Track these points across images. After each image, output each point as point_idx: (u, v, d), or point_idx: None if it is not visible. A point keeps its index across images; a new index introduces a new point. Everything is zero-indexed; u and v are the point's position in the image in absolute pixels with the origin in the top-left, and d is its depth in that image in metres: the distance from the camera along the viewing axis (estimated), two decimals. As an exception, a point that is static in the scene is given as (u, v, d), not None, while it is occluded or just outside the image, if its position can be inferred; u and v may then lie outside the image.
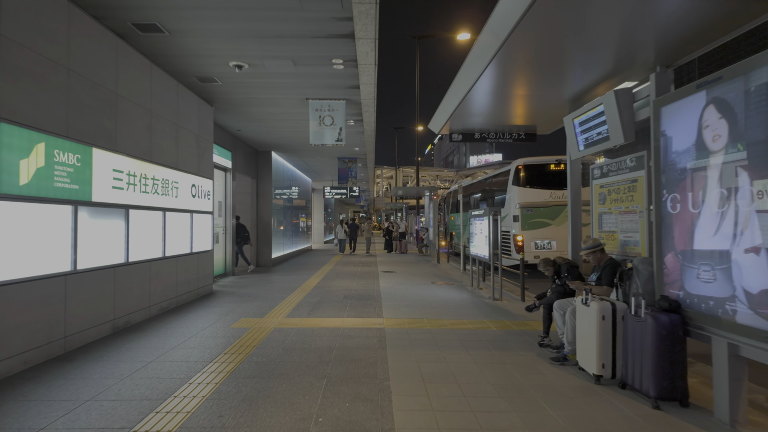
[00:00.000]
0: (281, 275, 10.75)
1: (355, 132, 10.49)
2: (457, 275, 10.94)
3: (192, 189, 7.34)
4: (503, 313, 6.41)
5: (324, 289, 8.49)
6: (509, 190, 10.93)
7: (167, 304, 6.41)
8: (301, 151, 13.06)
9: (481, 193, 13.90)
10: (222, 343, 4.66)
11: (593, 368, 3.61)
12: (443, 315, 6.17)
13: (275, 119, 9.21)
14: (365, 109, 8.18)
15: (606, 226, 4.60)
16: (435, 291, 8.35)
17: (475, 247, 8.58)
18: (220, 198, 10.31)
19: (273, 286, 8.82)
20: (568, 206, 5.65)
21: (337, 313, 6.23)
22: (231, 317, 5.96)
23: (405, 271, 11.60)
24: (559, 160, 10.70)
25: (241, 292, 8.08)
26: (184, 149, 7.01)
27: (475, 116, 5.95)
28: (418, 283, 9.38)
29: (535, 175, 10.67)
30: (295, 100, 7.84)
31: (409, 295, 7.77)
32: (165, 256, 6.34)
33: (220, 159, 9.91)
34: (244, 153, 11.92)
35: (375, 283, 9.38)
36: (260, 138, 11.22)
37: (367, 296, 7.64)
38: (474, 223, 8.61)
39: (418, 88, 20.67)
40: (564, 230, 10.46)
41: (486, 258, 7.75)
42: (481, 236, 8.16)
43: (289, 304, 6.87)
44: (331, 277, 10.37)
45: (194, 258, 7.38)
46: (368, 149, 12.60)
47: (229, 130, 10.26)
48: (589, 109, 4.38)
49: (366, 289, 8.52)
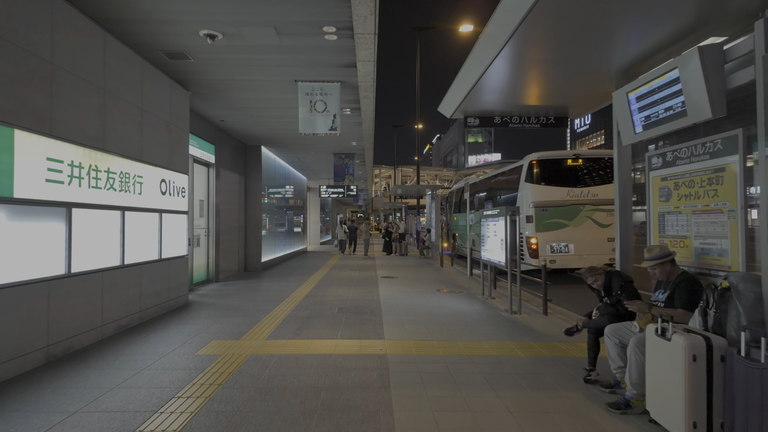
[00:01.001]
0: (270, 281, 9.72)
1: (351, 123, 9.48)
2: (464, 281, 9.94)
3: (161, 185, 6.31)
4: (526, 331, 5.40)
5: (316, 299, 7.46)
6: (521, 188, 9.94)
7: (127, 321, 5.38)
8: (293, 146, 12.03)
9: (489, 192, 12.90)
10: (179, 380, 3.63)
11: (679, 427, 2.60)
12: (456, 334, 5.16)
13: (262, 107, 8.19)
14: (363, 94, 7.17)
15: (671, 229, 3.60)
16: (442, 301, 7.34)
17: (487, 251, 7.57)
18: (201, 196, 9.28)
19: (258, 296, 7.79)
20: (615, 203, 4.66)
21: (329, 332, 5.21)
22: (201, 339, 4.93)
23: (406, 277, 10.59)
24: (576, 155, 9.71)
25: (220, 304, 7.05)
26: (150, 138, 5.99)
27: (495, 96, 4.94)
28: (421, 291, 8.37)
29: (551, 171, 9.68)
30: (282, 83, 6.82)
31: (413, 307, 6.76)
32: (124, 264, 5.31)
33: (201, 153, 8.88)
34: (231, 148, 10.89)
35: (374, 291, 8.36)
36: (247, 130, 10.20)
37: (365, 309, 6.63)
38: (486, 224, 7.61)
39: (418, 83, 19.69)
40: (583, 232, 9.48)
41: (502, 264, 6.75)
42: (495, 239, 7.16)
43: (274, 320, 5.85)
44: (326, 283, 9.35)
45: (164, 265, 6.35)
46: (366, 143, 11.59)
47: (211, 121, 9.23)
48: (654, 77, 3.38)
49: (364, 299, 7.50)
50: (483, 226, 7.81)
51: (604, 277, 3.81)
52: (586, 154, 9.74)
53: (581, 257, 9.48)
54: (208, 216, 9.49)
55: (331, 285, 9.14)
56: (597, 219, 9.54)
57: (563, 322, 5.97)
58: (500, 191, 11.76)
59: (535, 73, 4.51)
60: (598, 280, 3.81)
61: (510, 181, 10.94)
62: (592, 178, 9.63)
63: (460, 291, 8.53)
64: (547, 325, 5.76)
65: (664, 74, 3.28)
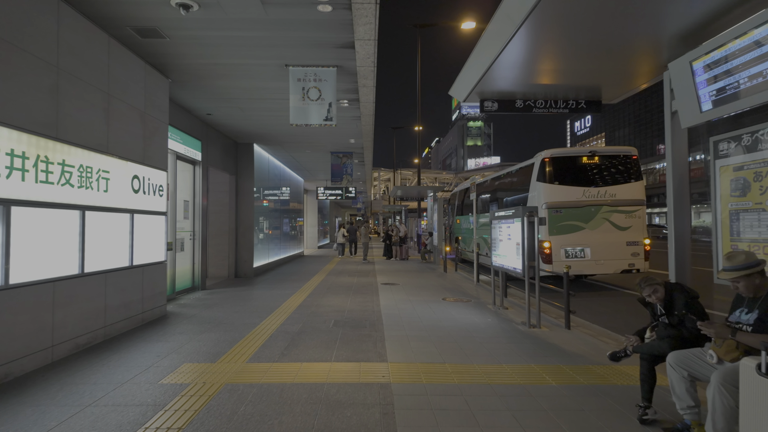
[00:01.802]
0: (261, 289, 8.96)
1: (349, 118, 8.76)
2: (470, 288, 9.20)
3: (134, 182, 5.56)
4: (551, 350, 4.65)
5: (310, 309, 6.71)
6: (533, 188, 9.21)
7: (88, 339, 4.62)
8: (287, 143, 11.30)
9: (497, 193, 12.17)
10: (129, 423, 2.87)
11: None
12: (471, 355, 4.41)
13: (251, 98, 7.46)
14: (362, 82, 6.45)
15: (750, 230, 2.86)
16: (450, 312, 6.60)
17: (499, 257, 6.84)
18: (186, 196, 8.53)
19: (246, 306, 7.03)
20: (669, 200, 3.90)
21: (322, 352, 4.46)
22: (171, 361, 4.17)
23: (409, 283, 9.84)
24: (593, 152, 9.00)
25: (203, 316, 6.29)
26: (119, 128, 5.25)
27: (517, 74, 4.22)
28: (426, 300, 7.62)
29: (566, 169, 8.96)
30: (271, 68, 6.09)
31: (417, 320, 6.01)
32: (83, 272, 4.55)
33: (186, 149, 8.14)
34: (221, 145, 10.16)
35: (374, 300, 7.61)
36: (237, 125, 9.46)
37: (364, 321, 5.88)
38: (498, 227, 6.88)
39: (419, 82, 19.02)
40: (599, 235, 8.75)
41: (517, 271, 6.01)
42: (508, 243, 6.42)
43: (260, 336, 5.09)
44: (321, 291, 8.59)
45: (136, 273, 5.59)
46: (365, 141, 10.87)
47: (196, 114, 8.49)
48: (731, 38, 2.66)
49: (363, 309, 6.75)
50: (494, 229, 7.08)
51: (663, 291, 3.07)
52: (603, 150, 9.03)
53: (598, 263, 8.75)
54: (193, 218, 8.74)
55: (327, 293, 8.38)
56: (615, 221, 8.81)
57: (589, 337, 5.23)
58: (509, 192, 11.04)
59: (564, 46, 3.79)
60: (657, 291, 3.07)
61: (520, 180, 10.22)
62: (610, 177, 8.91)
63: (467, 300, 7.79)
64: (573, 342, 5.02)
65: (747, 32, 2.56)
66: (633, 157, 9.05)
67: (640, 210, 8.92)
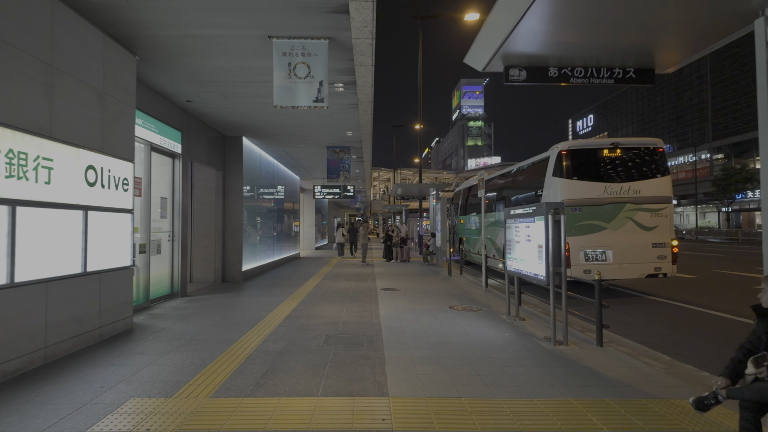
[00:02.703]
0: (249, 296, 8.09)
1: (345, 106, 7.90)
2: (479, 294, 8.34)
3: (89, 173, 4.70)
4: (588, 376, 3.79)
5: (299, 321, 5.85)
6: (548, 184, 8.35)
7: (19, 365, 3.76)
8: (279, 136, 10.44)
9: (507, 190, 11.31)
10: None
11: None
12: (492, 384, 3.55)
13: (233, 81, 6.60)
14: (359, 59, 5.59)
15: None
16: (459, 324, 5.74)
17: (516, 261, 5.98)
18: (164, 192, 7.67)
19: (228, 317, 6.17)
20: (763, 185, 2.99)
21: (307, 382, 3.60)
22: (116, 395, 3.31)
23: (411, 289, 8.98)
24: (615, 144, 8.14)
25: (174, 330, 5.43)
26: (68, 108, 4.39)
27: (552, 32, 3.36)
28: (431, 309, 6.77)
29: (585, 163, 8.10)
30: (252, 41, 5.24)
31: (423, 334, 5.15)
32: (13, 282, 3.69)
33: (163, 140, 7.28)
34: (206, 138, 9.31)
35: (373, 309, 6.75)
36: (222, 115, 8.61)
37: (360, 337, 5.01)
38: (514, 227, 6.02)
39: (420, 76, 18.18)
40: (623, 236, 7.89)
41: (539, 278, 5.15)
42: (527, 246, 5.56)
43: (234, 358, 4.23)
44: (315, 298, 7.73)
45: (91, 281, 4.73)
46: (364, 133, 10.01)
47: (174, 101, 7.63)
48: None
49: (360, 321, 5.89)
50: (509, 230, 6.22)
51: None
52: (626, 142, 8.18)
53: (621, 266, 7.89)
54: (172, 216, 7.88)
55: (321, 301, 7.51)
56: (639, 220, 7.96)
57: (628, 357, 4.38)
58: (520, 189, 10.17)
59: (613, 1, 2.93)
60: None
61: (533, 176, 9.36)
62: (634, 172, 8.06)
63: (477, 308, 6.93)
64: (611, 364, 4.16)
65: None
66: (659, 150, 8.20)
67: (666, 208, 8.06)
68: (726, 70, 44.08)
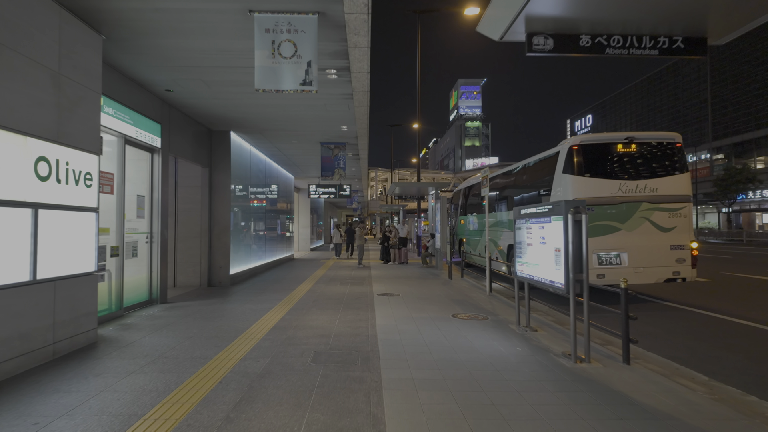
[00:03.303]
0: (234, 302, 7.46)
1: (339, 97, 7.29)
2: (483, 300, 7.74)
3: (39, 166, 4.07)
4: (621, 404, 3.19)
5: (286, 333, 5.22)
6: (558, 182, 7.76)
7: (-58, 394, 3.13)
8: (269, 131, 9.81)
9: (505, 190, 10.72)
10: None
11: None
12: (511, 418, 2.94)
13: (213, 66, 5.98)
14: (353, 40, 4.97)
15: None
16: (465, 335, 5.13)
17: (528, 265, 5.38)
18: (141, 190, 7.03)
19: (207, 328, 5.54)
20: None
21: (288, 415, 2.97)
22: (49, 435, 2.68)
23: (410, 294, 8.37)
24: (630, 138, 7.56)
25: (144, 344, 4.80)
26: (9, 88, 3.76)
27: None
28: (433, 318, 6.16)
29: (598, 158, 7.52)
30: (231, 17, 4.61)
31: (426, 350, 4.54)
32: (-68, 294, 3.06)
33: (139, 132, 6.64)
34: (192, 133, 8.68)
35: (368, 318, 6.13)
36: (206, 107, 7.97)
37: (354, 354, 4.40)
38: (526, 228, 5.42)
39: (419, 71, 17.59)
40: (638, 238, 7.31)
41: (557, 286, 4.55)
42: (542, 249, 4.96)
43: (205, 382, 3.61)
44: (306, 305, 7.11)
45: (43, 290, 4.09)
46: (360, 128, 9.39)
47: (152, 89, 6.99)
48: None
49: (354, 333, 5.27)
50: (520, 231, 5.62)
51: None
52: (642, 136, 7.59)
53: (636, 270, 7.31)
54: (151, 216, 7.24)
55: (312, 308, 6.89)
56: (656, 221, 7.38)
57: (662, 378, 3.79)
58: (525, 188, 9.57)
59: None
60: None
61: (540, 174, 8.77)
62: (651, 168, 7.48)
63: (483, 317, 6.33)
64: (645, 387, 3.56)
65: None
66: (677, 145, 7.62)
67: (685, 207, 7.48)
68: (727, 69, 43.72)
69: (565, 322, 6.14)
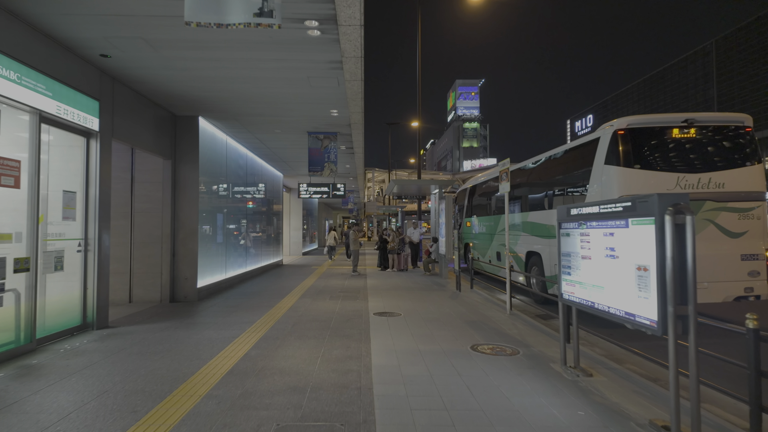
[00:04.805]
0: (194, 326, 5.91)
1: (325, 66, 5.77)
2: (504, 321, 6.24)
3: None
4: None
5: (243, 385, 3.68)
6: (597, 175, 6.28)
7: None
8: (244, 116, 8.26)
9: (521, 188, 9.22)
10: None
11: None
12: None
13: (153, 16, 4.43)
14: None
15: None
16: (498, 386, 3.61)
17: (583, 288, 3.87)
18: (71, 184, 5.49)
19: (139, 371, 3.99)
20: None
21: None
22: None
23: (414, 312, 6.85)
24: (690, 120, 6.08)
25: (26, 407, 3.25)
26: None
27: None
28: (447, 352, 4.65)
29: (650, 146, 6.04)
30: None
31: (446, 417, 3.01)
32: None
33: (62, 108, 5.09)
34: (150, 117, 7.15)
35: (361, 353, 4.60)
36: (159, 81, 6.43)
37: (340, 422, 2.86)
38: (579, 234, 3.91)
39: (419, 61, 16.12)
40: (701, 245, 5.80)
41: (642, 323, 3.04)
42: (610, 265, 3.45)
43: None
44: (282, 331, 5.58)
45: None
46: (353, 111, 7.86)
47: (83, 54, 5.43)
48: None
49: (340, 384, 3.73)
50: (568, 238, 4.12)
51: None
52: (705, 118, 6.12)
53: (700, 286, 5.81)
54: (86, 218, 5.69)
55: (290, 336, 5.36)
56: (723, 224, 5.91)
57: None
58: (550, 185, 8.06)
59: None
60: None
61: (570, 167, 7.28)
62: (716, 159, 6.01)
63: (512, 350, 4.82)
64: None
65: None
66: (746, 129, 6.15)
67: (759, 207, 6.01)
68: (734, 66, 42.55)
69: (622, 358, 4.64)
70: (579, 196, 6.88)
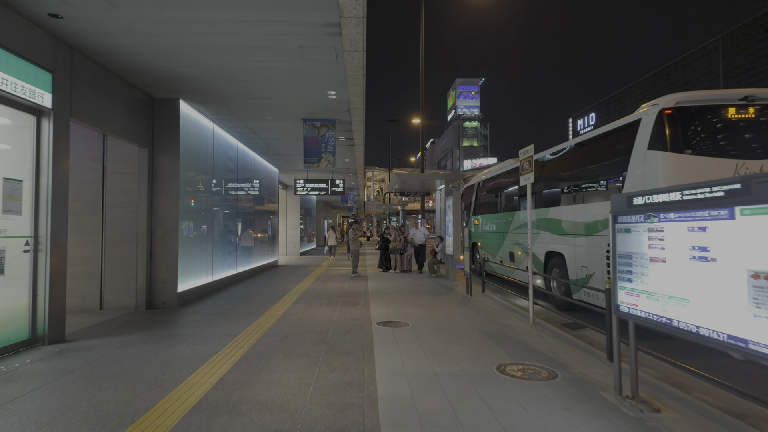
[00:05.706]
0: (166, 340, 5.01)
1: (320, 32, 4.87)
2: (527, 332, 5.36)
3: None
4: None
5: (220, 415, 2.79)
6: (638, 162, 5.39)
7: None
8: (231, 99, 7.36)
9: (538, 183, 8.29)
10: None
11: None
12: None
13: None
14: None
15: None
16: (540, 427, 2.73)
17: (653, 298, 2.99)
18: (14, 172, 4.59)
19: (78, 407, 3.09)
20: None
21: None
22: None
23: (423, 321, 5.96)
24: (750, 97, 5.18)
25: None
26: None
27: None
28: (469, 376, 3.77)
29: (702, 128, 5.15)
30: None
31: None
32: None
33: (1, 77, 4.19)
34: (123, 100, 6.26)
35: (364, 377, 3.71)
36: (126, 52, 5.52)
37: None
38: (646, 230, 3.03)
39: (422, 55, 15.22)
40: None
41: (761, 351, 2.15)
42: (701, 271, 2.57)
43: None
44: (269, 347, 4.68)
45: None
46: (353, 94, 6.96)
47: (26, 13, 4.52)
48: None
49: (339, 426, 2.84)
50: (628, 236, 3.23)
51: None
52: (766, 95, 5.22)
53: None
54: (35, 212, 4.78)
55: (277, 354, 4.46)
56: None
57: None
58: (576, 178, 7.15)
59: None
60: None
61: (603, 154, 6.38)
62: (782, 142, 5.13)
63: (549, 373, 3.93)
64: None
65: None
66: (815, 109, 5.26)
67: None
68: (741, 62, 41.68)
69: (683, 382, 3.74)
70: (612, 189, 5.99)
